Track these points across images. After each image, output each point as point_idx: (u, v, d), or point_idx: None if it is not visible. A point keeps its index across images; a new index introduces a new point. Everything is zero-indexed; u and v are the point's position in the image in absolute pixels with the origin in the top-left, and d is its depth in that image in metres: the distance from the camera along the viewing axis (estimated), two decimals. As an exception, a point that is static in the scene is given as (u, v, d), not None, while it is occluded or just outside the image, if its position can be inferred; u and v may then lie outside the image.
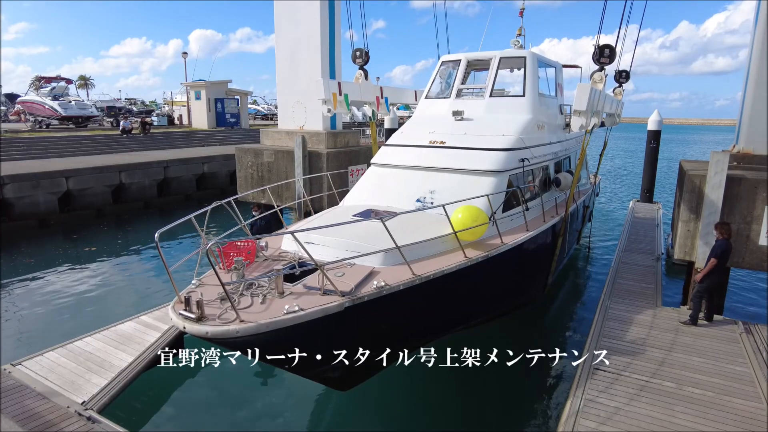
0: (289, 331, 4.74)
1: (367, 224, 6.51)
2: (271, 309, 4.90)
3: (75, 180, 18.15)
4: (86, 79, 72.98)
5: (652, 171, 19.18)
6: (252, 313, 4.81)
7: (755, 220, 8.33)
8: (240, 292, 5.26)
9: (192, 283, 5.68)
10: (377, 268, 5.83)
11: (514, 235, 7.39)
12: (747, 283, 12.32)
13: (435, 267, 5.91)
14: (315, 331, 4.94)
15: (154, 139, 28.08)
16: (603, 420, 5.58)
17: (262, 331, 4.60)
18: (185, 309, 4.79)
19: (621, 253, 12.10)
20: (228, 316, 4.73)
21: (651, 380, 6.35)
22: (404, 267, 5.67)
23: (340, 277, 5.49)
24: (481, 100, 9.81)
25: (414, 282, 5.58)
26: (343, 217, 7.31)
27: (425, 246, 6.20)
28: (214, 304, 5.03)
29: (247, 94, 40.58)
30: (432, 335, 6.90)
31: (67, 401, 6.10)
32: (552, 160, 9.98)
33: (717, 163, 8.26)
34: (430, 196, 7.89)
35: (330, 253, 5.89)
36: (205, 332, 4.58)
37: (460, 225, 6.33)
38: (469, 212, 6.49)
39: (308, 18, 15.91)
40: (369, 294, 5.21)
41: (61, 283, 12.36)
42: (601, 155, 12.59)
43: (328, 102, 10.47)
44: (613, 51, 9.22)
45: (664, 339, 7.50)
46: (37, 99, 31.99)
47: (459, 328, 7.36)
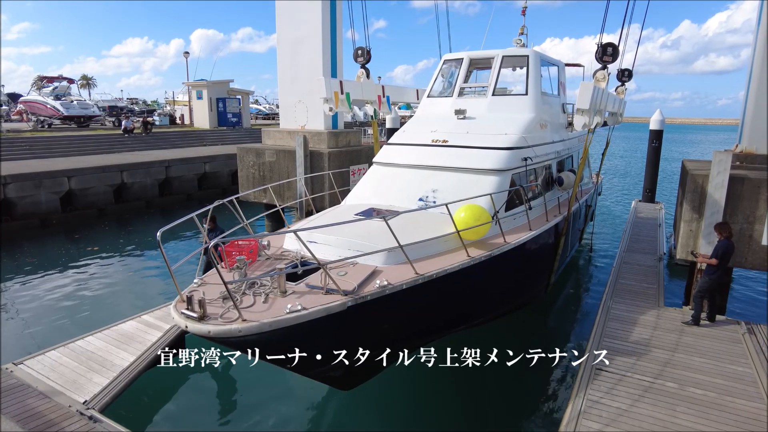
0: (292, 330, 4.72)
1: (369, 223, 6.49)
2: (274, 308, 4.88)
3: (77, 179, 18.19)
4: (88, 78, 73.09)
5: (654, 171, 19.14)
6: (254, 313, 4.79)
7: (758, 220, 8.30)
8: (242, 291, 5.24)
9: (194, 282, 5.67)
10: (380, 268, 5.82)
11: (516, 234, 7.37)
12: (749, 283, 12.28)
13: (438, 266, 5.89)
14: (317, 330, 4.92)
15: (156, 139, 28.11)
16: (605, 420, 5.57)
17: (264, 330, 4.58)
18: (187, 308, 4.76)
19: (623, 253, 12.07)
20: (230, 316, 4.72)
21: (653, 381, 6.33)
22: (407, 266, 5.65)
23: (343, 277, 5.48)
24: (484, 98, 9.79)
25: (417, 281, 5.56)
26: (345, 216, 7.29)
27: (428, 245, 6.18)
28: (216, 303, 5.02)
29: (249, 94, 40.60)
30: (434, 334, 6.88)
31: (68, 400, 6.10)
32: (554, 159, 9.95)
33: (719, 163, 8.24)
34: (433, 195, 7.87)
35: (332, 252, 5.87)
36: (207, 331, 4.57)
37: (462, 224, 6.31)
38: (471, 211, 6.47)
39: (309, 18, 15.91)
40: (372, 293, 5.19)
41: (62, 282, 12.38)
42: (603, 154, 12.57)
43: (329, 101, 10.46)
44: (616, 49, 9.18)
45: (666, 339, 7.47)
46: (39, 99, 32.06)
47: (461, 327, 7.34)
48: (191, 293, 4.98)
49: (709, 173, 8.37)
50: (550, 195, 9.47)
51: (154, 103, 60.58)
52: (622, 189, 28.94)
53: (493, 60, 10.07)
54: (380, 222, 5.44)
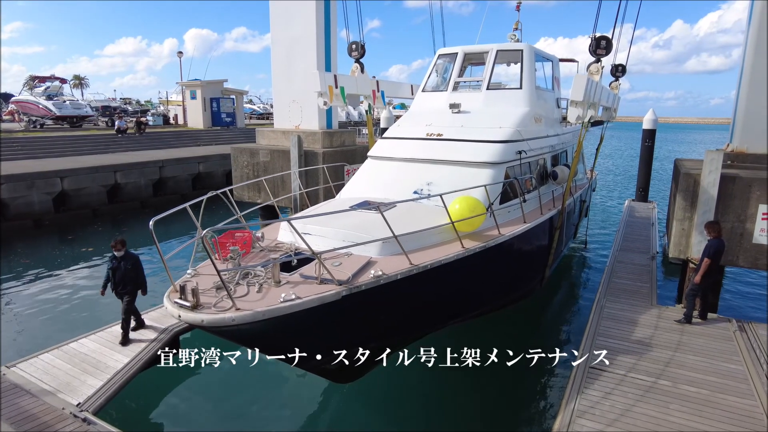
0: (286, 319, 4.66)
1: (364, 214, 6.47)
2: (268, 297, 4.84)
3: (70, 180, 18.06)
4: (81, 78, 72.45)
5: (648, 170, 19.25)
6: (248, 302, 4.74)
7: (749, 218, 8.38)
8: (236, 281, 5.18)
9: (187, 272, 5.59)
10: (374, 258, 5.80)
11: (511, 226, 7.39)
12: (741, 281, 12.39)
13: (433, 257, 5.88)
14: (312, 320, 4.88)
15: (150, 139, 27.96)
16: (599, 419, 5.60)
17: (258, 319, 4.51)
18: (180, 297, 4.69)
19: (616, 252, 12.14)
20: (224, 305, 4.65)
21: (646, 379, 6.39)
22: (402, 257, 5.63)
23: (337, 267, 5.45)
24: (478, 92, 9.82)
25: (412, 271, 5.55)
26: (339, 208, 7.25)
27: (423, 236, 6.18)
28: (209, 293, 4.95)
29: (243, 94, 40.49)
30: (430, 327, 6.88)
31: (62, 403, 6.07)
32: (549, 153, 9.99)
33: (711, 162, 8.32)
34: (428, 188, 7.87)
35: (327, 244, 5.84)
36: (201, 320, 4.50)
37: (457, 215, 6.32)
38: (466, 203, 6.49)
39: (304, 17, 15.89)
40: (366, 283, 5.16)
41: (56, 284, 12.30)
42: (597, 150, 12.63)
43: (324, 95, 10.43)
44: (610, 43, 9.16)
45: (660, 337, 7.53)
46: (31, 98, 31.83)
47: (457, 319, 7.33)
48: (184, 283, 4.91)
49: (701, 172, 8.44)
50: (545, 189, 9.49)
51: (148, 103, 60.26)
52: (617, 187, 29.08)
53: (487, 54, 10.10)
54: (375, 214, 5.41)
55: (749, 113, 9.44)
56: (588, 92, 8.06)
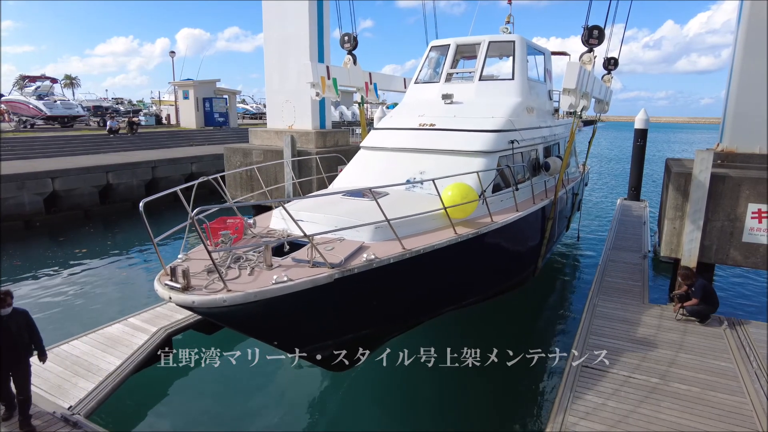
0: (278, 301, 4.62)
1: (357, 201, 6.48)
2: (260, 280, 4.81)
3: (61, 180, 17.90)
4: (72, 78, 71.86)
5: (639, 169, 19.37)
6: (240, 284, 4.70)
7: (739, 217, 8.47)
8: (227, 265, 5.14)
9: (178, 257, 5.55)
10: (367, 243, 5.80)
11: (504, 214, 7.42)
12: (731, 280, 12.50)
13: (425, 243, 5.88)
14: (304, 302, 4.85)
15: (142, 139, 27.78)
16: (591, 417, 5.64)
17: (249, 300, 4.47)
18: (171, 279, 4.63)
19: (608, 251, 12.21)
20: (215, 287, 4.60)
21: (638, 377, 6.43)
22: (394, 242, 5.63)
23: (330, 251, 5.44)
24: (471, 83, 9.84)
25: (404, 256, 5.54)
26: (333, 196, 7.25)
27: (415, 222, 6.19)
28: (201, 276, 4.90)
29: (236, 93, 40.36)
30: (423, 313, 6.87)
31: (53, 406, 6.01)
32: (541, 144, 10.04)
33: (701, 162, 8.39)
34: (420, 177, 7.90)
35: (319, 229, 5.79)
36: (191, 302, 4.45)
37: (450, 201, 6.34)
38: (459, 189, 6.52)
39: (297, 17, 15.87)
40: (359, 266, 5.15)
41: (48, 285, 12.19)
42: (590, 143, 12.66)
43: (316, 86, 10.41)
44: (602, 32, 9.11)
45: (651, 336, 7.59)
46: (22, 98, 31.55)
47: (451, 307, 7.34)
48: (175, 266, 4.86)
49: (692, 172, 8.52)
50: (537, 180, 9.53)
51: (140, 103, 59.85)
52: (608, 186, 29.26)
53: (479, 46, 10.13)
54: (368, 201, 5.40)
55: (739, 113, 9.53)
56: (580, 80, 8.07)
